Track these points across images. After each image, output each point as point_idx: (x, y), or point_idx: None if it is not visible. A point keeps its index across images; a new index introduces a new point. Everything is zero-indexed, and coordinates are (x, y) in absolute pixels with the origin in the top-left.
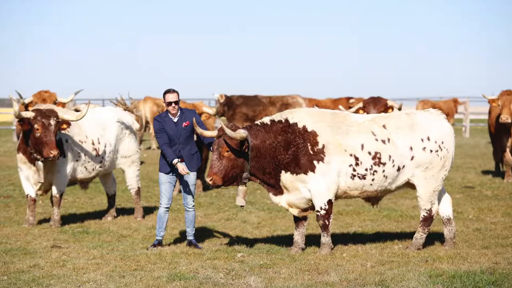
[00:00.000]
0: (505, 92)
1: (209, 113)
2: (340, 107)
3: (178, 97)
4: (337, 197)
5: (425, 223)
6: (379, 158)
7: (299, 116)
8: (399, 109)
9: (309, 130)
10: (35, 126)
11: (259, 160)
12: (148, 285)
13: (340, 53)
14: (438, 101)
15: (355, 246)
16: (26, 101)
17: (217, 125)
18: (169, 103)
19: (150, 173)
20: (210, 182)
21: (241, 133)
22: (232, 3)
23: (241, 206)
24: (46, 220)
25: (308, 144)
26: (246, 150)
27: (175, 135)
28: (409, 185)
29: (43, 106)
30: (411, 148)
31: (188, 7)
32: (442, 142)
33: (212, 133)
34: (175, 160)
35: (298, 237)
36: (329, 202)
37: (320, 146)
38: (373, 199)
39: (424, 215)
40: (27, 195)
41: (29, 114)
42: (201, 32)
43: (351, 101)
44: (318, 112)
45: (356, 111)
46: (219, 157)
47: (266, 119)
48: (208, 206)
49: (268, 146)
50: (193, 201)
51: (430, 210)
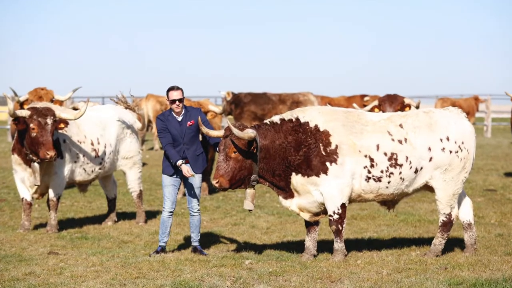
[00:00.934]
0: None
1: (215, 111)
2: (354, 105)
3: (183, 95)
4: (351, 200)
5: (444, 228)
6: (396, 159)
7: (311, 115)
8: (417, 107)
9: (321, 129)
10: (31, 125)
11: (268, 162)
12: None
13: (354, 47)
14: (458, 99)
15: (370, 252)
16: (21, 99)
17: (223, 124)
18: (173, 101)
19: (153, 175)
20: (217, 185)
21: (249, 132)
22: None
23: (249, 210)
24: (43, 225)
25: (320, 144)
26: (255, 151)
27: (179, 135)
28: (428, 188)
29: (39, 104)
30: (429, 149)
31: None
32: (462, 142)
33: (219, 133)
34: (179, 162)
35: (310, 243)
36: (343, 206)
37: (333, 146)
38: (389, 202)
39: (443, 220)
40: (22, 198)
41: (24, 113)
42: (207, 25)
43: (365, 99)
44: (331, 111)
45: (371, 110)
46: (226, 158)
47: (276, 118)
48: (214, 210)
49: (278, 146)
50: (198, 205)
51: (449, 214)
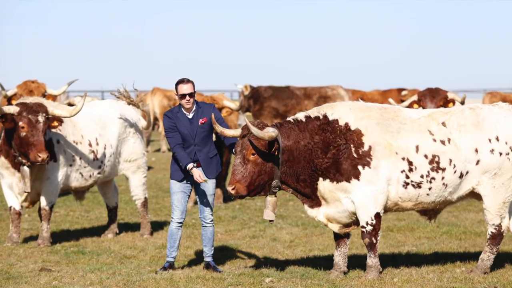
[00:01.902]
0: None
1: (231, 107)
2: (390, 100)
3: (194, 89)
4: (386, 209)
5: (493, 241)
6: (438, 163)
7: (341, 112)
8: (462, 102)
9: (352, 128)
10: (20, 123)
11: (291, 165)
12: None
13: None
14: (509, 93)
15: (408, 269)
16: (9, 93)
17: (240, 122)
18: (183, 96)
19: (160, 181)
20: (233, 192)
21: (270, 132)
22: None
23: (270, 220)
24: (34, 238)
25: (352, 145)
26: (276, 153)
27: (190, 135)
28: (474, 195)
29: (29, 100)
30: (476, 151)
31: None
32: None
33: (235, 132)
34: (190, 165)
35: (339, 258)
36: (377, 216)
37: (365, 148)
38: (430, 212)
39: (492, 232)
40: (10, 207)
41: (12, 109)
42: (221, 6)
43: (403, 93)
44: (363, 107)
45: (410, 105)
46: (243, 161)
47: (301, 115)
48: (229, 220)
49: (303, 147)
50: (212, 214)
51: (499, 225)
